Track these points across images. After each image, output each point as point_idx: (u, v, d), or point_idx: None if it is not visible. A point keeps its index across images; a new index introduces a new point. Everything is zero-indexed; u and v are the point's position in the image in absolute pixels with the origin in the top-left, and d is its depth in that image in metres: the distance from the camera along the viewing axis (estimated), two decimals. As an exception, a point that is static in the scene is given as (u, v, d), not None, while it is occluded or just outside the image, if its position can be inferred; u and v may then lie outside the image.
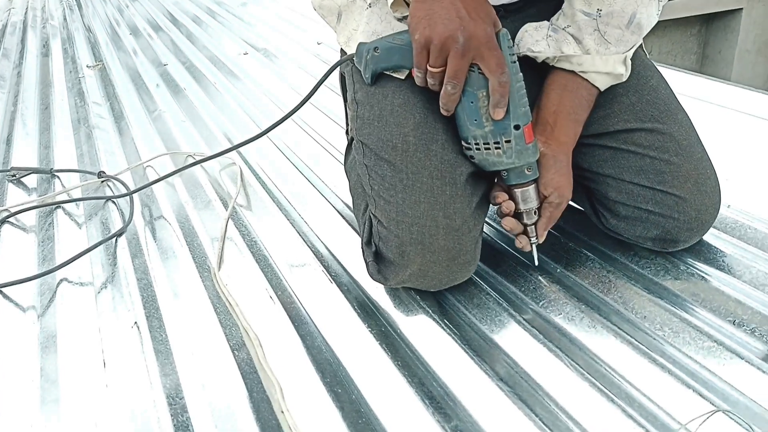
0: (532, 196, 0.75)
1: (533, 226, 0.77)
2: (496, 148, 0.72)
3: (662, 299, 0.76)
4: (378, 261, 0.78)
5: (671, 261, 0.82)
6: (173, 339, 0.79)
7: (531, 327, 0.74)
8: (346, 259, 0.91)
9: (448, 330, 0.75)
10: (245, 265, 0.92)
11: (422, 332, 0.75)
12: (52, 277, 0.96)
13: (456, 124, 0.74)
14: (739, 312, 0.72)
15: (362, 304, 0.81)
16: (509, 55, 0.68)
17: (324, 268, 0.89)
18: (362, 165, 0.78)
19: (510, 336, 0.73)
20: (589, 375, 0.67)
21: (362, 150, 0.78)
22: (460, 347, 0.72)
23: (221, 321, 0.81)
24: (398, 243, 0.74)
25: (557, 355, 0.69)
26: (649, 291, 0.77)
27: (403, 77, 0.75)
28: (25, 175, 1.34)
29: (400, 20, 0.75)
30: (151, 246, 1.01)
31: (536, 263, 0.80)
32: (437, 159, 0.73)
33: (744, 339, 0.69)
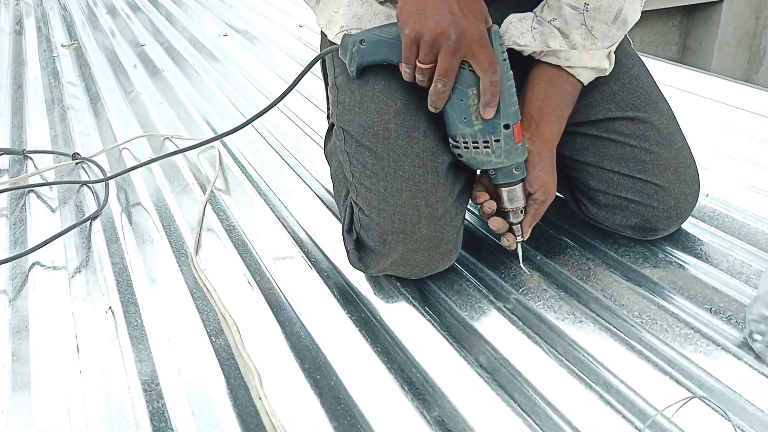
0: (519, 196, 0.74)
1: (519, 225, 0.76)
2: (485, 147, 0.70)
3: (641, 287, 0.76)
4: (359, 249, 0.78)
5: (650, 249, 0.82)
6: (149, 325, 0.78)
7: (511, 314, 0.74)
8: (327, 245, 0.90)
9: (428, 317, 0.75)
10: (223, 251, 0.91)
11: (402, 319, 0.75)
12: (24, 261, 0.94)
13: (442, 116, 0.72)
14: (716, 300, 0.73)
15: (342, 291, 0.81)
16: (500, 53, 0.66)
17: (304, 254, 0.88)
18: (343, 152, 0.77)
19: (490, 323, 0.73)
20: (568, 362, 0.67)
21: (343, 136, 0.77)
22: (440, 334, 0.72)
23: (198, 307, 0.80)
24: (380, 231, 0.73)
25: (536, 342, 0.70)
26: (628, 278, 0.78)
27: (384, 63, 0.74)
28: (-3, 157, 1.31)
29: (382, 3, 0.74)
30: (127, 230, 0.99)
31: (521, 262, 0.79)
32: (419, 146, 0.72)
33: (720, 326, 0.70)
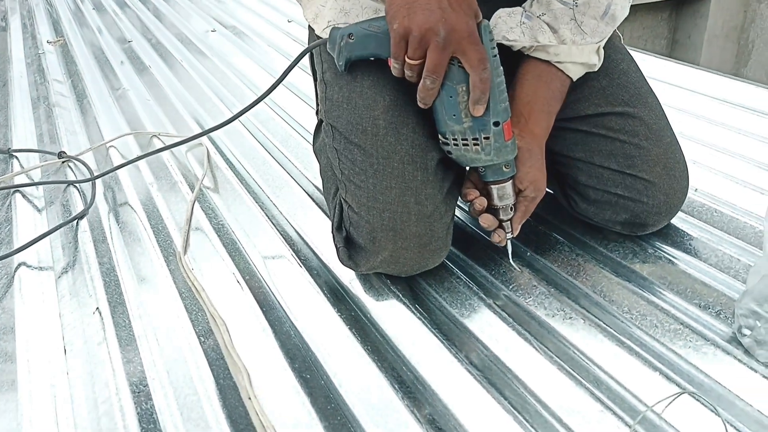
0: (509, 193, 0.74)
1: (509, 221, 0.76)
2: (475, 145, 0.70)
3: (630, 282, 0.76)
4: (349, 247, 0.77)
5: (639, 244, 0.82)
6: (137, 325, 0.77)
7: (501, 311, 0.74)
8: (316, 243, 0.89)
9: (419, 314, 0.74)
10: (212, 250, 0.90)
11: (392, 317, 0.75)
12: (11, 261, 0.93)
13: (431, 112, 0.71)
14: (705, 295, 0.73)
15: (332, 289, 0.80)
16: (490, 49, 0.65)
17: (293, 252, 0.88)
18: (332, 149, 0.77)
19: (480, 320, 0.73)
20: (558, 358, 0.67)
21: (332, 133, 0.76)
22: (431, 332, 0.72)
23: (187, 307, 0.79)
24: (369, 229, 0.73)
25: (526, 339, 0.70)
26: (618, 274, 0.78)
27: (372, 58, 0.73)
28: (-19, 155, 1.29)
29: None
30: (114, 229, 0.98)
31: (511, 259, 0.79)
32: (408, 143, 0.71)
33: (710, 321, 0.70)
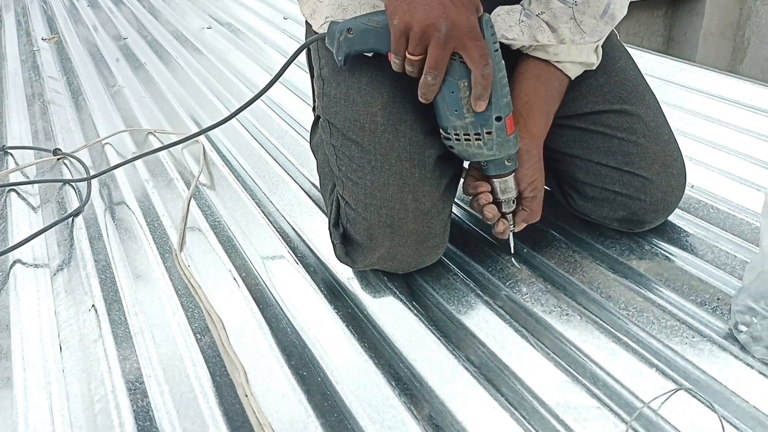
0: (511, 186, 0.74)
1: (511, 214, 0.76)
2: (477, 140, 0.69)
3: (627, 279, 0.76)
4: (346, 243, 0.77)
5: (636, 241, 0.82)
6: (133, 322, 0.77)
7: (498, 307, 0.74)
8: (313, 240, 0.89)
9: (416, 311, 0.74)
10: (208, 247, 0.90)
11: (389, 313, 0.75)
12: (6, 259, 0.93)
13: (429, 108, 0.71)
14: (702, 291, 0.74)
15: (329, 286, 0.80)
16: (492, 44, 0.65)
17: (290, 250, 0.87)
18: (329, 145, 0.77)
19: (477, 317, 0.73)
20: (555, 355, 0.67)
21: (329, 129, 0.76)
22: (428, 328, 0.72)
23: (183, 304, 0.79)
24: (366, 226, 0.73)
25: (523, 335, 0.70)
26: (614, 271, 0.78)
27: (371, 55, 0.73)
28: (-24, 152, 1.28)
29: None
30: (110, 226, 0.98)
31: (512, 251, 0.79)
32: (406, 140, 0.71)
33: (706, 318, 0.70)
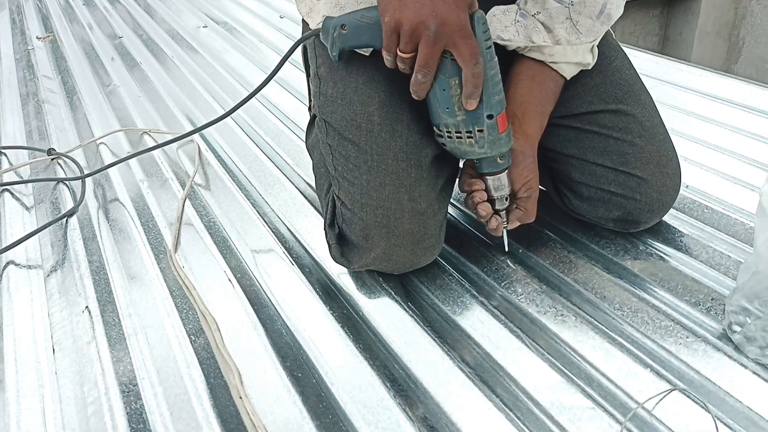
0: (504, 184, 0.74)
1: (504, 212, 0.76)
2: (468, 138, 0.69)
3: (621, 279, 0.76)
4: (341, 243, 0.77)
5: (631, 241, 0.82)
6: (126, 324, 0.76)
7: (493, 308, 0.74)
8: (308, 240, 0.89)
9: (411, 312, 0.74)
10: (203, 247, 0.90)
11: (385, 314, 0.74)
12: (-1, 260, 0.92)
13: (425, 107, 0.71)
14: (696, 291, 0.74)
15: (324, 287, 0.80)
16: (484, 41, 0.64)
17: (285, 250, 0.87)
18: (325, 144, 0.76)
19: (472, 317, 0.73)
20: (549, 355, 0.67)
21: (325, 129, 0.76)
22: (423, 329, 0.71)
23: (177, 305, 0.78)
24: (362, 226, 0.73)
25: (518, 336, 0.70)
26: (609, 271, 0.78)
27: (368, 54, 0.73)
28: (-31, 152, 1.27)
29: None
30: (104, 227, 0.97)
31: (506, 248, 0.79)
32: (402, 140, 0.71)
33: (700, 318, 0.70)
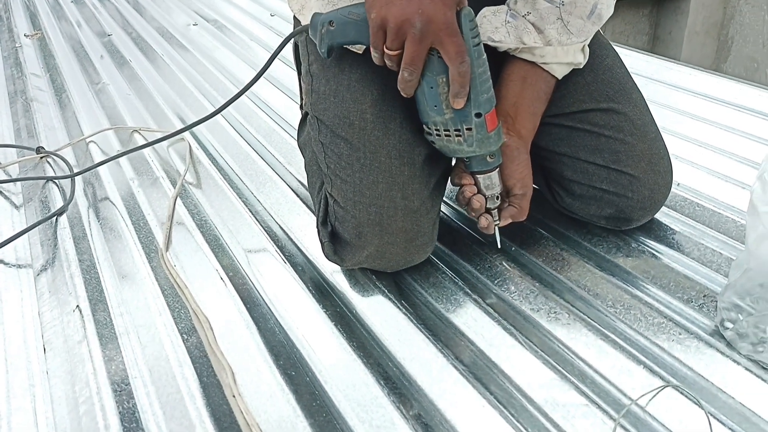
0: (495, 182, 0.73)
1: (496, 210, 0.76)
2: (457, 136, 0.69)
3: (614, 276, 0.77)
4: (334, 241, 0.77)
5: (623, 239, 0.83)
6: (118, 323, 0.76)
7: (486, 306, 0.74)
8: (301, 239, 0.88)
9: (405, 310, 0.74)
10: (195, 246, 0.89)
11: (378, 312, 0.74)
12: (-13, 259, 0.91)
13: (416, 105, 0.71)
14: (688, 288, 0.74)
15: (317, 285, 0.80)
16: (471, 39, 0.63)
17: (278, 248, 0.87)
18: (318, 142, 0.76)
19: (466, 315, 0.73)
20: (543, 353, 0.67)
21: (318, 126, 0.75)
22: (416, 327, 0.71)
23: (169, 304, 0.78)
24: (355, 224, 0.72)
25: (512, 334, 0.70)
26: (602, 268, 0.78)
27: (361, 52, 0.73)
28: (-43, 151, 1.26)
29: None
30: (95, 226, 0.97)
31: (499, 246, 0.79)
32: (395, 138, 0.71)
33: (693, 315, 0.71)
